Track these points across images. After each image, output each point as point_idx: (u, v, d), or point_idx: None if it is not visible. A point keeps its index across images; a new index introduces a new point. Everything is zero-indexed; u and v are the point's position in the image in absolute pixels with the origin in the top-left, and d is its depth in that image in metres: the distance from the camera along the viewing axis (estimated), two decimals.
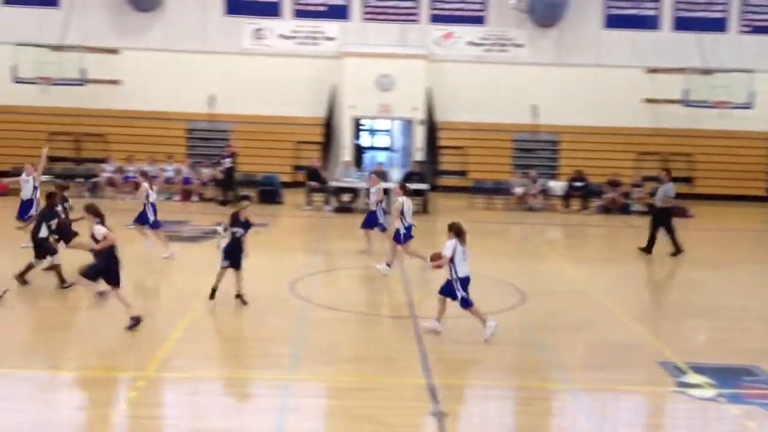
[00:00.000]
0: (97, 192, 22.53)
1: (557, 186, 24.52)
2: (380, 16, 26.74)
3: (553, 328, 11.44)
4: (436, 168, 25.85)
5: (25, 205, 15.30)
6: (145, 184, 15.22)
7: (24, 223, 14.61)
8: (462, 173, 26.17)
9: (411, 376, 9.29)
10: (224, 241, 11.70)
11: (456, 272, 10.43)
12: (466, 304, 10.54)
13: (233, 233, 11.61)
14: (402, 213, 14.23)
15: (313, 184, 22.35)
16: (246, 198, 12.70)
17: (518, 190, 23.92)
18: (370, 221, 15.81)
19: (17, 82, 23.88)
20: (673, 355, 10.17)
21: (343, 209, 21.89)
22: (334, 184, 22.25)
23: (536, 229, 21.21)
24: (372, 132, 41.06)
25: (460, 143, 26.25)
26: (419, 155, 26.14)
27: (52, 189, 13.58)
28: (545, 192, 24.01)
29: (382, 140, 41.41)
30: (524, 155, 26.53)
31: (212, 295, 11.64)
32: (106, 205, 21.42)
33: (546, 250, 18.70)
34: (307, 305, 12.25)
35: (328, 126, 26.37)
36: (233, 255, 11.62)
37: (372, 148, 39.51)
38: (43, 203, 13.50)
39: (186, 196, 22.78)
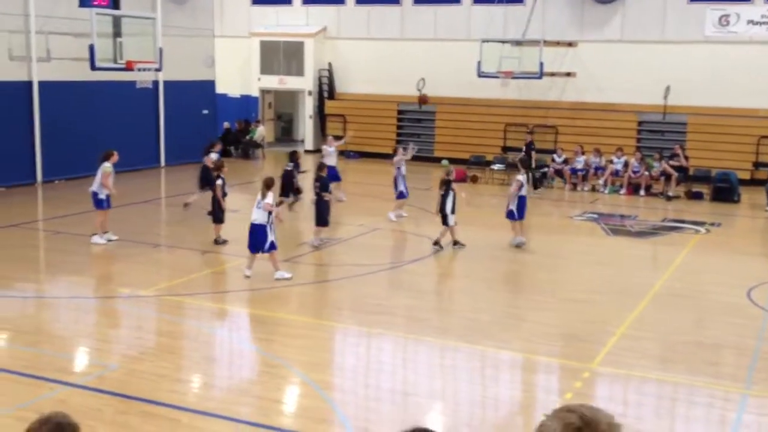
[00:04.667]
0: (544, 182, 23.09)
1: None
2: None
3: None
4: None
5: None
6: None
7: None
8: None
9: None
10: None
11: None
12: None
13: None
14: None
15: None
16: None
17: None
18: None
19: (481, 76, 25.57)
20: None
21: None
22: None
23: None
24: None
25: None
26: None
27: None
28: None
29: None
30: None
31: None
32: (553, 195, 22.15)
33: None
34: (766, 315, 11.14)
35: None
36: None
37: None
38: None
39: (633, 189, 22.28)
